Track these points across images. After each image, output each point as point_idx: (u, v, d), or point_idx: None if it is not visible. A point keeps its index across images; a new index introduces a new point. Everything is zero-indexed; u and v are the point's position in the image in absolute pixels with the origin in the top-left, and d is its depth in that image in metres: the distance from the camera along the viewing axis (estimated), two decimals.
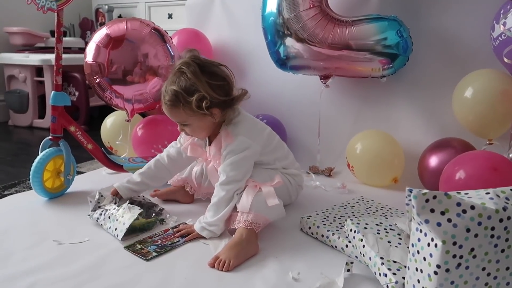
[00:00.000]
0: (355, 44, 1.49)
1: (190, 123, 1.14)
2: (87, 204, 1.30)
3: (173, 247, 1.06)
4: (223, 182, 1.12)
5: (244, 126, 1.17)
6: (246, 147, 1.14)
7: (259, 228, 1.06)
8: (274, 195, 1.10)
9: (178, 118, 1.14)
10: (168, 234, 1.12)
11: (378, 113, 1.70)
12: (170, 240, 1.09)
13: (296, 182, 1.30)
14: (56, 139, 1.37)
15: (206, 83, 1.08)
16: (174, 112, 1.12)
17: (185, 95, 1.08)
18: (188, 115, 1.11)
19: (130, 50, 1.49)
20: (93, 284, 0.89)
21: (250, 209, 1.06)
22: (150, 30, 1.53)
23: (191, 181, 1.34)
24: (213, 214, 1.11)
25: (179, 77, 1.10)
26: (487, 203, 0.70)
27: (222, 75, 1.13)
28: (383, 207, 1.24)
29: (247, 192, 1.09)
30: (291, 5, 1.52)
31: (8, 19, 2.90)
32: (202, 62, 1.11)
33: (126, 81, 1.50)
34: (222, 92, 1.11)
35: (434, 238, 0.69)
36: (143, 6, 3.22)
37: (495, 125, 1.32)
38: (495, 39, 1.32)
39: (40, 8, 1.29)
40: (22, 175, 1.68)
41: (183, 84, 1.08)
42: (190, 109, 1.09)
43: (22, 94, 2.74)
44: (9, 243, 1.07)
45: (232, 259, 0.97)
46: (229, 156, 1.13)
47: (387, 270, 0.84)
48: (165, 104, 1.12)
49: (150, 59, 1.51)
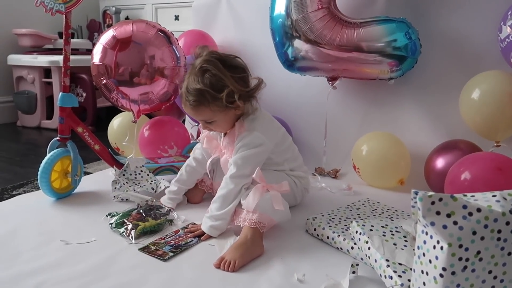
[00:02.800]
0: (363, 46, 1.48)
1: (216, 120, 1.14)
2: (94, 204, 1.32)
3: (188, 247, 1.06)
4: (233, 175, 1.12)
5: (260, 123, 1.17)
6: (260, 143, 1.14)
7: (264, 228, 1.07)
8: (281, 200, 1.10)
9: (203, 117, 1.14)
10: (180, 234, 1.13)
11: (384, 115, 1.69)
12: (184, 240, 1.09)
13: (302, 185, 1.30)
14: (63, 140, 1.38)
15: (231, 77, 1.09)
16: (200, 111, 1.12)
17: (213, 93, 1.08)
18: (214, 112, 1.11)
19: (137, 52, 1.50)
20: (100, 284, 0.90)
21: (255, 208, 1.06)
22: (156, 31, 1.54)
23: (206, 179, 1.37)
24: (219, 206, 1.11)
25: (202, 76, 1.09)
26: (493, 205, 0.70)
27: (241, 66, 1.14)
28: (389, 209, 1.23)
29: (254, 192, 1.09)
30: (299, 7, 1.52)
31: (16, 21, 2.93)
32: (221, 56, 1.12)
33: (133, 82, 1.51)
34: (245, 84, 1.13)
35: (440, 240, 0.68)
36: (150, 7, 3.23)
37: (502, 127, 1.31)
38: (503, 41, 1.31)
39: (49, 11, 1.30)
40: (30, 175, 1.70)
41: (208, 81, 1.08)
42: (219, 106, 1.09)
43: (30, 95, 2.77)
44: (17, 242, 1.08)
45: (237, 259, 0.97)
46: (242, 150, 1.13)
47: (392, 273, 0.84)
48: (190, 104, 1.11)
49: (156, 60, 1.52)
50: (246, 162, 1.13)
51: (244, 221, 1.07)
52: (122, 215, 1.19)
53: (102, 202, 1.38)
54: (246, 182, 1.13)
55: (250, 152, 1.13)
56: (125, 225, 1.14)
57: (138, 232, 1.10)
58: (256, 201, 1.07)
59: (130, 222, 1.14)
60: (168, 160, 1.57)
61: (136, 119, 1.60)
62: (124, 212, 1.21)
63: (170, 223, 1.19)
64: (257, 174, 1.09)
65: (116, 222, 1.15)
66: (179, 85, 1.59)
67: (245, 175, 1.12)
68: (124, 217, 1.17)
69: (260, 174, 1.09)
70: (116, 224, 1.15)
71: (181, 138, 1.73)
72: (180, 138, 1.72)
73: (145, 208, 1.22)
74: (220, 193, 1.13)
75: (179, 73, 1.58)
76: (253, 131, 1.14)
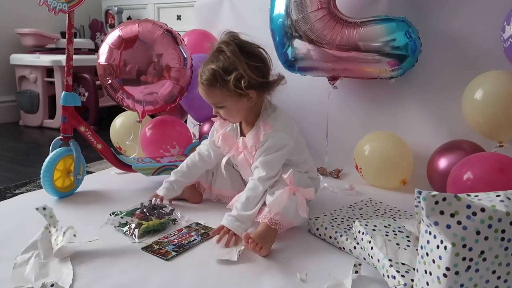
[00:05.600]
0: (363, 45, 1.48)
1: (225, 105, 1.13)
2: (96, 203, 1.32)
3: (191, 246, 1.06)
4: (263, 177, 1.12)
5: (283, 122, 1.17)
6: (285, 143, 1.15)
7: (282, 230, 1.06)
8: (305, 206, 1.09)
9: (213, 99, 1.13)
10: (183, 233, 1.13)
11: (386, 115, 1.69)
12: (187, 239, 1.09)
13: (314, 186, 1.30)
14: (66, 139, 1.38)
15: (244, 63, 1.08)
16: (210, 92, 1.12)
17: (223, 74, 1.08)
18: (224, 96, 1.11)
19: (144, 52, 1.50)
20: (102, 283, 0.90)
21: (279, 209, 1.06)
22: (163, 32, 1.54)
23: (204, 183, 1.36)
24: (247, 207, 1.10)
25: (218, 56, 1.09)
26: (497, 205, 0.69)
27: (260, 56, 1.13)
28: (391, 209, 1.23)
29: (282, 194, 1.08)
30: (299, 7, 1.52)
31: (19, 21, 2.94)
32: (241, 42, 1.11)
33: (139, 81, 1.51)
34: (260, 74, 1.11)
35: (443, 240, 0.68)
36: (152, 7, 3.24)
37: (505, 127, 1.31)
38: (506, 40, 1.31)
39: (52, 10, 1.30)
40: (33, 174, 1.70)
41: (221, 63, 1.08)
42: (227, 89, 1.09)
43: (33, 95, 2.78)
44: (19, 241, 1.08)
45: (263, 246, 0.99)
46: (269, 152, 1.13)
47: (395, 272, 0.84)
48: (202, 84, 1.12)
49: (162, 60, 1.52)
50: (274, 164, 1.14)
51: (265, 218, 1.06)
52: (126, 214, 1.19)
53: (104, 201, 1.38)
54: (271, 183, 1.14)
55: (277, 155, 1.14)
56: (129, 224, 1.14)
57: (142, 231, 1.10)
58: (283, 204, 1.06)
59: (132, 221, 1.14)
60: (170, 159, 1.57)
61: (141, 119, 1.60)
62: (128, 211, 1.21)
63: (173, 222, 1.19)
64: (289, 176, 1.08)
65: (120, 222, 1.16)
66: (184, 87, 1.59)
67: (273, 177, 1.14)
68: (128, 216, 1.17)
69: (291, 176, 1.08)
70: (120, 224, 1.15)
71: (183, 137, 1.73)
72: (182, 137, 1.72)
73: (149, 208, 1.22)
74: (248, 194, 1.11)
75: (185, 74, 1.58)
76: (278, 131, 1.14)
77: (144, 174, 1.49)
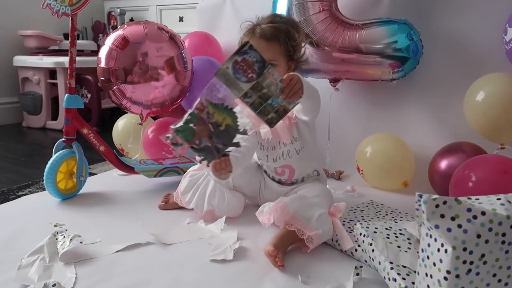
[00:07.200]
0: (365, 47, 1.49)
1: (277, 65, 1.15)
2: (99, 205, 1.32)
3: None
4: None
5: None
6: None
7: (312, 246, 1.02)
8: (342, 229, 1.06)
9: (271, 54, 1.13)
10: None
11: (388, 117, 1.69)
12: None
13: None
14: (69, 141, 1.39)
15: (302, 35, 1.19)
16: (271, 46, 1.15)
17: (292, 31, 1.15)
18: (281, 53, 1.15)
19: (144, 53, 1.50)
20: (105, 285, 0.91)
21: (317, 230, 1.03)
22: (168, 36, 1.54)
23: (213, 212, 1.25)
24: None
25: (278, 19, 1.19)
26: (498, 209, 0.70)
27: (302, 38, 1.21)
28: (393, 211, 1.23)
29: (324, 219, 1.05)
30: (301, 9, 1.53)
31: (22, 23, 2.96)
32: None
33: (140, 81, 1.51)
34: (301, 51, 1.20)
35: (444, 243, 0.68)
36: (154, 9, 3.25)
37: (507, 129, 1.31)
38: (508, 43, 1.31)
39: (55, 13, 1.31)
40: (36, 176, 1.71)
41: (285, 26, 1.15)
42: (286, 47, 1.14)
43: (36, 96, 2.79)
44: (23, 243, 1.09)
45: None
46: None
47: (396, 275, 0.84)
48: (265, 35, 1.14)
49: (166, 62, 1.52)
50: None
51: (302, 235, 1.01)
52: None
53: (107, 202, 1.39)
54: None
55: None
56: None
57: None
58: (321, 230, 1.03)
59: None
60: (173, 161, 1.57)
61: (143, 122, 1.60)
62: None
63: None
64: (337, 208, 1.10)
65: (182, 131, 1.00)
66: (186, 87, 1.59)
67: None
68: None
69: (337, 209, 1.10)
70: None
71: None
72: None
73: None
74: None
75: (186, 76, 1.58)
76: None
77: (146, 176, 1.50)
